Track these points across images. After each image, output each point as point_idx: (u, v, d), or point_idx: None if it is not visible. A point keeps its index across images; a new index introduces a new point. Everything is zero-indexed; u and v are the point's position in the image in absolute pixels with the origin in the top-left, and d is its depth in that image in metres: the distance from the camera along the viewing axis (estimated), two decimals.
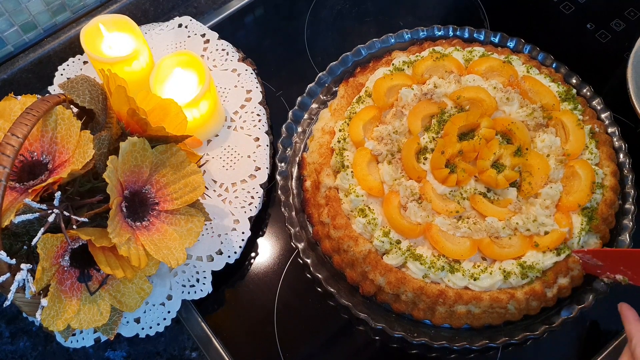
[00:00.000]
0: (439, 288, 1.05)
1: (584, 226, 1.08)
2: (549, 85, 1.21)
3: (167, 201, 0.99)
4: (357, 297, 1.12)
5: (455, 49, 1.29)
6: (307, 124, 1.30)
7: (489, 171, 1.11)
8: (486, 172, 1.11)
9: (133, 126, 1.01)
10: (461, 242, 1.07)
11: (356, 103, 1.23)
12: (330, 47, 1.49)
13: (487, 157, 1.12)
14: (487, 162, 1.11)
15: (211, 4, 1.56)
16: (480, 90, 1.19)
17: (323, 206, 1.15)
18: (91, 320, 0.94)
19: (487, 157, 1.12)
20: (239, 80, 1.36)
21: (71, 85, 1.01)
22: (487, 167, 1.11)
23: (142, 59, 1.27)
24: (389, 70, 1.26)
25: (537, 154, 1.13)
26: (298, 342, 1.15)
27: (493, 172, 1.10)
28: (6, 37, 1.36)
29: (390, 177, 1.13)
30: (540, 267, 1.05)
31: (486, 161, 1.12)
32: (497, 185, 1.10)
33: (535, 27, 1.49)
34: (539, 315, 1.09)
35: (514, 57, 1.27)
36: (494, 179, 1.10)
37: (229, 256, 1.17)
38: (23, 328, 1.17)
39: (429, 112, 1.19)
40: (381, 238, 1.07)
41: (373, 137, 1.18)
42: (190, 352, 1.14)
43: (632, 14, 1.49)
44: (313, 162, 1.21)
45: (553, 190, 1.09)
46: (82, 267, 0.94)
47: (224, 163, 1.27)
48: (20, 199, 0.90)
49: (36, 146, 0.96)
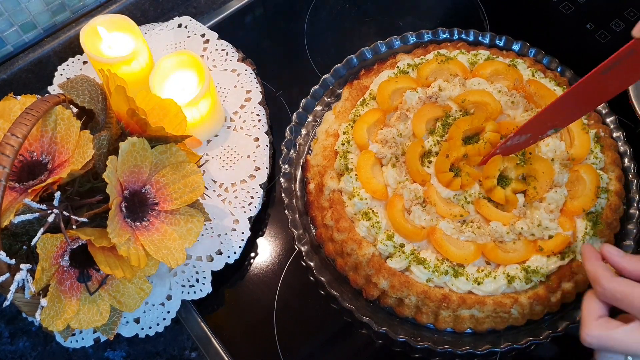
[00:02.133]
0: (443, 292, 1.04)
1: (588, 231, 1.08)
2: (554, 89, 1.21)
3: (166, 201, 0.99)
4: (360, 300, 1.11)
5: (460, 52, 1.28)
6: (311, 127, 1.29)
7: (496, 190, 1.09)
8: (494, 191, 1.10)
9: (133, 126, 1.01)
10: (465, 246, 1.07)
11: (360, 106, 1.23)
12: (330, 47, 1.49)
13: (493, 174, 1.10)
14: (493, 181, 1.10)
15: (211, 4, 1.56)
16: (485, 94, 1.19)
17: (327, 209, 1.15)
18: (91, 320, 0.93)
19: (493, 175, 1.10)
20: (238, 80, 1.36)
21: (71, 85, 1.00)
22: (494, 185, 1.10)
23: (141, 59, 1.27)
24: (394, 73, 1.26)
25: (541, 158, 1.12)
26: (298, 343, 1.15)
27: (501, 192, 1.09)
28: (6, 37, 1.36)
29: (395, 181, 1.13)
30: (544, 271, 1.05)
31: (492, 179, 1.10)
32: (508, 203, 1.10)
33: (535, 27, 1.49)
34: (543, 320, 1.08)
35: (519, 61, 1.27)
36: (503, 198, 1.09)
37: (229, 256, 1.17)
38: (23, 328, 1.17)
39: (434, 116, 1.19)
40: (385, 241, 1.07)
41: (377, 140, 1.18)
42: (190, 352, 1.14)
43: (632, 14, 1.49)
44: (317, 165, 1.20)
45: (558, 194, 1.09)
46: (81, 267, 0.93)
47: (223, 163, 1.27)
48: (20, 199, 0.90)
49: (36, 146, 0.95)
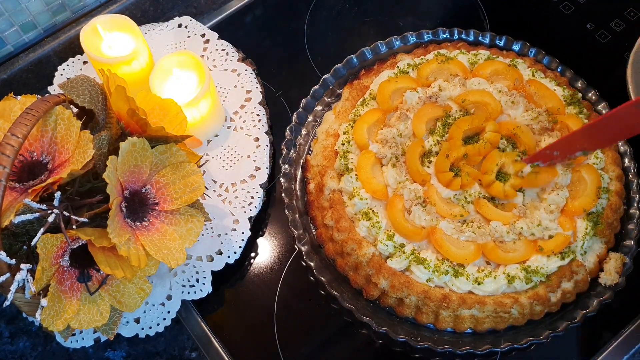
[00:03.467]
0: (443, 292, 1.05)
1: (589, 231, 1.08)
2: (554, 89, 1.21)
3: (167, 201, 0.99)
4: (360, 300, 1.11)
5: (461, 52, 1.28)
6: (312, 127, 1.29)
7: (495, 185, 1.10)
8: (492, 185, 1.10)
9: (133, 126, 1.01)
10: (465, 246, 1.07)
11: (360, 106, 1.23)
12: (330, 47, 1.49)
13: (491, 169, 1.11)
14: (492, 176, 1.11)
15: (211, 4, 1.56)
16: (485, 94, 1.19)
17: (327, 209, 1.14)
18: (91, 320, 0.94)
19: (491, 170, 1.11)
20: (238, 81, 1.36)
21: (71, 85, 1.00)
22: (493, 180, 1.10)
23: (141, 59, 1.27)
24: (394, 73, 1.26)
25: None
26: (298, 343, 1.15)
27: (500, 185, 1.10)
28: (6, 37, 1.36)
29: (395, 181, 1.13)
30: (544, 271, 1.05)
31: (490, 175, 1.11)
32: (507, 197, 1.10)
33: (535, 27, 1.49)
34: (543, 320, 1.08)
35: (519, 61, 1.27)
36: (501, 192, 1.10)
37: (229, 256, 1.17)
38: (23, 328, 1.17)
39: (434, 115, 1.19)
40: (385, 241, 1.07)
41: (377, 140, 1.18)
42: (190, 352, 1.14)
43: (632, 14, 1.49)
44: (317, 165, 1.20)
45: (559, 197, 1.09)
46: (81, 267, 0.93)
47: (223, 163, 1.27)
48: (20, 199, 0.90)
49: (36, 146, 0.95)
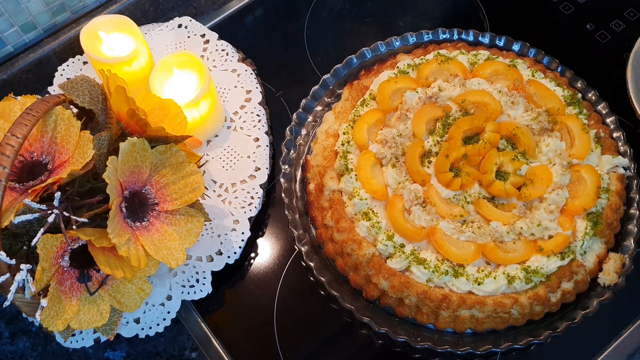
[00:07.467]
0: (443, 292, 1.05)
1: (588, 230, 1.08)
2: (554, 89, 1.21)
3: (166, 201, 0.99)
4: (360, 300, 1.11)
5: (460, 52, 1.28)
6: (311, 127, 1.29)
7: (495, 183, 1.10)
8: (493, 184, 1.10)
9: (133, 126, 1.01)
10: (465, 246, 1.07)
11: (360, 106, 1.23)
12: (330, 47, 1.49)
13: (490, 169, 1.11)
14: (491, 175, 1.11)
15: (211, 4, 1.56)
16: (485, 94, 1.19)
17: (327, 209, 1.14)
18: (91, 320, 0.94)
19: (490, 170, 1.11)
20: (238, 81, 1.36)
21: (71, 85, 1.00)
22: (493, 179, 1.10)
23: (141, 60, 1.27)
24: (394, 73, 1.26)
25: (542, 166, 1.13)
26: (298, 343, 1.15)
27: (500, 184, 1.10)
28: (6, 38, 1.36)
29: (395, 181, 1.13)
30: (544, 271, 1.05)
31: (490, 174, 1.11)
32: (508, 195, 1.10)
33: (535, 27, 1.49)
34: (543, 320, 1.08)
35: (519, 61, 1.27)
36: (502, 190, 1.10)
37: (229, 256, 1.17)
38: (23, 328, 1.17)
39: (434, 116, 1.19)
40: (385, 242, 1.07)
41: (377, 140, 1.18)
42: (190, 352, 1.14)
43: (632, 14, 1.49)
44: (317, 165, 1.20)
45: (559, 197, 1.09)
46: (81, 267, 0.93)
47: (223, 163, 1.27)
48: (20, 199, 0.90)
49: (36, 146, 0.95)
